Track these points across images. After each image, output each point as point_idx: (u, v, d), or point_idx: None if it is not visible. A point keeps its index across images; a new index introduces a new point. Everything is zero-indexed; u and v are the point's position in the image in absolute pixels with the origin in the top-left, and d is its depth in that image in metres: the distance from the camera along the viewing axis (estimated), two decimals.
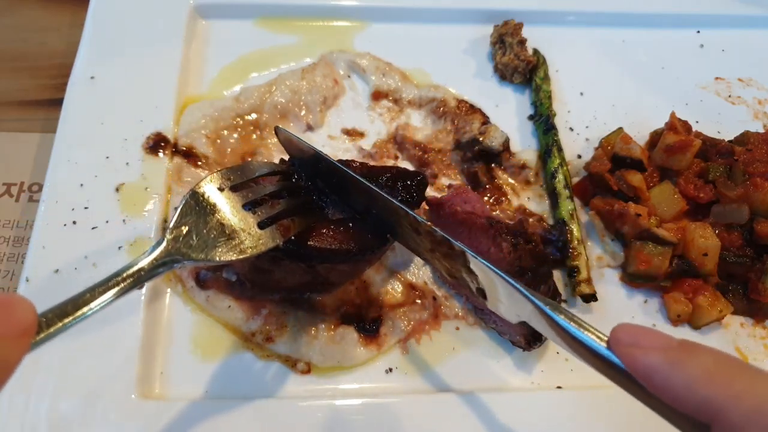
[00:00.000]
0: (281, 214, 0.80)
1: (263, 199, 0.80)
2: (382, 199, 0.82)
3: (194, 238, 0.71)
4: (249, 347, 0.95)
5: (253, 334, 0.96)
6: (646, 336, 0.57)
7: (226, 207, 0.75)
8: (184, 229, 0.71)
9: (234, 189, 0.78)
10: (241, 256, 0.72)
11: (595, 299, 1.00)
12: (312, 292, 0.98)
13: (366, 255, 0.85)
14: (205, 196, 0.75)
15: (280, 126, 1.01)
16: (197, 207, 0.74)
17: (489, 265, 0.72)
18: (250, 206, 0.78)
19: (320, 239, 0.82)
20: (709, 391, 0.51)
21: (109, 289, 0.61)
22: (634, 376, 0.56)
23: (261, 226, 0.77)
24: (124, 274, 0.63)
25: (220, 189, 0.77)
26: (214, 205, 0.75)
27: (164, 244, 0.69)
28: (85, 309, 0.58)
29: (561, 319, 0.63)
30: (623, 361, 0.57)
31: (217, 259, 0.71)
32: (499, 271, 0.71)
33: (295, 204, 0.84)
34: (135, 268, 0.64)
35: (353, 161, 0.96)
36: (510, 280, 0.70)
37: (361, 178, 0.84)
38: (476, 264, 0.74)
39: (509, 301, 0.72)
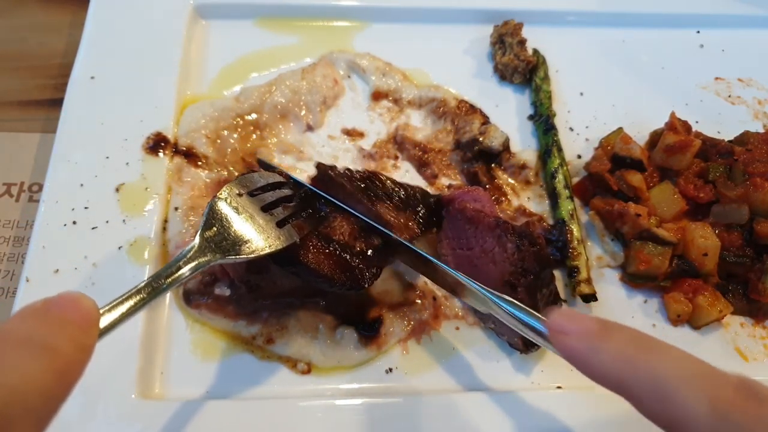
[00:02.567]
0: (294, 215, 0.87)
1: (275, 203, 0.87)
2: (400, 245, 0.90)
3: (223, 237, 0.77)
4: (249, 349, 0.95)
5: (253, 337, 0.96)
6: (571, 321, 0.61)
7: (248, 209, 0.83)
8: (214, 230, 0.77)
9: (250, 195, 0.85)
10: (266, 251, 0.79)
11: (595, 299, 1.00)
12: (308, 297, 0.98)
13: (355, 289, 0.87)
14: (228, 200, 0.82)
15: (261, 158, 1.08)
16: (223, 210, 0.81)
17: (445, 266, 0.83)
18: (266, 209, 0.85)
19: (317, 260, 0.85)
20: (618, 372, 0.56)
21: (150, 288, 0.65)
22: (566, 360, 0.61)
23: (279, 225, 0.83)
24: (163, 276, 0.68)
25: (239, 194, 0.84)
26: (237, 208, 0.82)
27: (197, 244, 0.74)
28: (127, 308, 0.62)
29: (510, 305, 0.72)
30: (555, 346, 0.62)
31: (245, 255, 0.77)
32: (455, 272, 0.82)
33: (301, 208, 0.90)
34: (173, 269, 0.69)
35: (379, 175, 0.97)
36: (469, 280, 0.80)
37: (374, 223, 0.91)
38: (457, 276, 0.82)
39: (476, 300, 0.81)
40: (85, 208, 1.00)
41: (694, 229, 1.03)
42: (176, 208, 1.03)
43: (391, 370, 0.95)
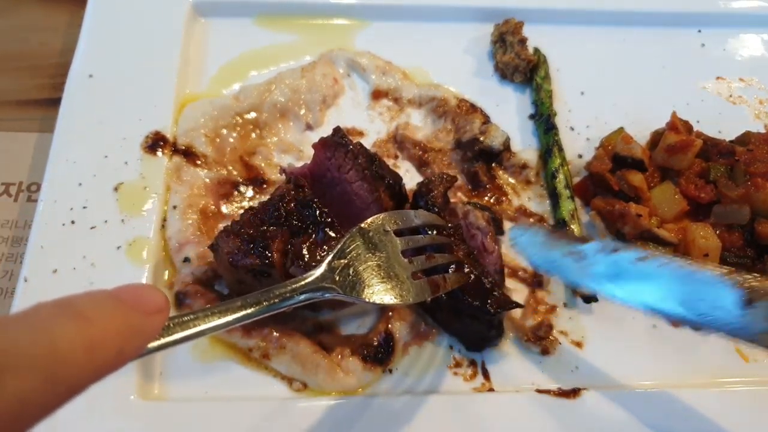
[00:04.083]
0: (435, 269, 0.80)
1: (421, 249, 0.81)
2: None
3: (351, 272, 0.71)
4: (244, 360, 0.93)
5: (250, 350, 0.93)
6: None
7: (387, 250, 0.76)
8: (344, 262, 0.71)
9: (397, 233, 0.79)
10: (387, 303, 0.73)
11: (596, 300, 1.00)
12: (300, 308, 0.97)
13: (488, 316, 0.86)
14: (370, 234, 0.75)
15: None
16: (362, 243, 0.74)
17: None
18: (408, 254, 0.78)
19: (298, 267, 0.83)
20: None
21: (257, 304, 0.61)
22: None
23: (415, 276, 0.77)
24: (273, 293, 0.63)
25: (386, 231, 0.77)
26: (377, 245, 0.75)
27: (322, 270, 0.69)
28: (219, 321, 0.57)
29: None
30: None
31: (365, 299, 0.71)
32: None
33: (449, 262, 0.84)
34: (286, 293, 0.64)
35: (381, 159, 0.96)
36: None
37: None
38: None
39: None
40: (84, 207, 1.00)
41: (695, 229, 1.02)
42: (174, 207, 1.02)
43: (391, 370, 0.95)
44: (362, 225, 0.75)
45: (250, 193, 1.09)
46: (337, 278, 0.69)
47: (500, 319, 0.92)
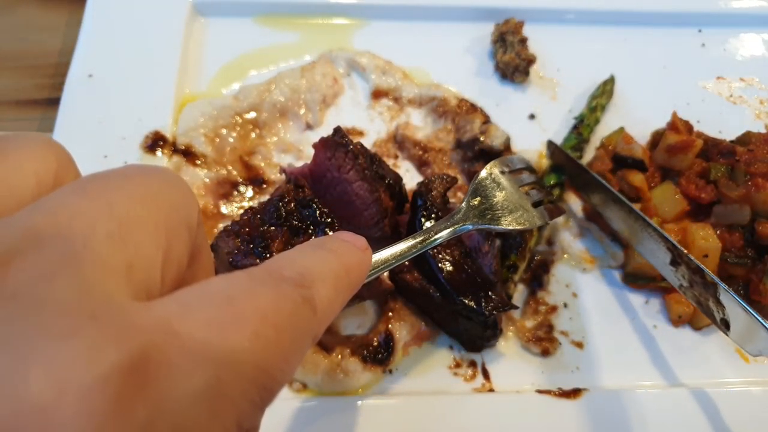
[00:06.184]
0: (546, 199, 0.95)
1: (529, 185, 0.95)
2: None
3: (486, 207, 0.86)
4: None
5: None
6: None
7: (509, 186, 0.91)
8: (478, 200, 0.86)
9: (510, 173, 0.94)
10: (518, 227, 0.87)
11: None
12: None
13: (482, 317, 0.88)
14: (493, 176, 0.91)
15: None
16: (487, 183, 0.90)
17: (739, 299, 0.82)
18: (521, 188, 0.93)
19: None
20: None
21: (419, 243, 0.73)
22: None
23: (534, 205, 0.91)
24: (432, 231, 0.76)
25: (502, 172, 0.92)
26: (500, 184, 0.90)
27: (463, 210, 0.84)
28: (382, 256, 0.67)
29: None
30: None
31: (502, 226, 0.85)
32: (747, 306, 0.82)
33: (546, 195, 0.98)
34: (439, 228, 0.78)
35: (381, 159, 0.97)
36: (756, 315, 0.81)
37: None
38: (727, 297, 0.84)
39: (752, 336, 0.82)
40: None
41: (695, 230, 1.02)
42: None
43: (391, 371, 0.95)
44: (485, 170, 0.91)
45: (249, 193, 1.08)
46: (476, 213, 0.84)
47: (495, 320, 0.92)
